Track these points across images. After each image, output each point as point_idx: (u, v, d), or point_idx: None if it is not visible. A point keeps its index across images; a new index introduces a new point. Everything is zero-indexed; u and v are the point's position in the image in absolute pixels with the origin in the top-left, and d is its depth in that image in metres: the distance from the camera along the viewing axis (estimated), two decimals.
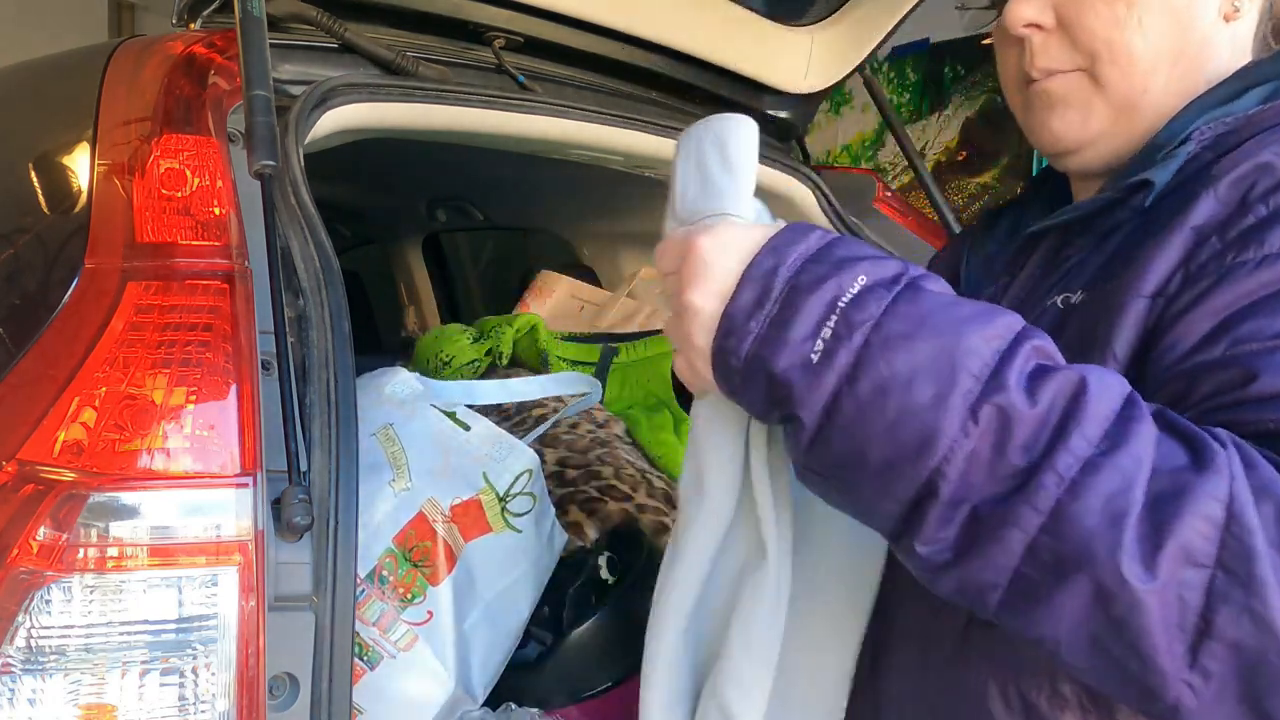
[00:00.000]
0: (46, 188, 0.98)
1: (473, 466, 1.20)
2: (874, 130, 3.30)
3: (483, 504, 1.18)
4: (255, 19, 0.94)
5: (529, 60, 1.44)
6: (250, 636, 0.77)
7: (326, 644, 0.81)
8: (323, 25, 1.20)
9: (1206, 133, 0.68)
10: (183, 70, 0.97)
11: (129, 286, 0.82)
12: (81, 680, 0.73)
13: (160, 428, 0.77)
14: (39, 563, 0.72)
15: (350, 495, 0.85)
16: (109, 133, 0.94)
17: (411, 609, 1.11)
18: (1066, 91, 0.74)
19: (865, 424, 0.53)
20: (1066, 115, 0.75)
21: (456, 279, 3.11)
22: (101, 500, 0.74)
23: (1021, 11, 0.74)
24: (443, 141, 1.36)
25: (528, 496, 1.22)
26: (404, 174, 2.30)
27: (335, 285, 0.93)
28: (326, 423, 0.87)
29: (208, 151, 0.90)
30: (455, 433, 1.22)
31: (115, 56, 1.02)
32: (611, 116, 1.42)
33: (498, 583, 1.20)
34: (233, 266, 0.86)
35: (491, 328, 1.95)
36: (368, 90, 1.16)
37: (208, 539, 0.77)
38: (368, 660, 1.08)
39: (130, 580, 0.74)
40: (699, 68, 1.60)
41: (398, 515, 1.13)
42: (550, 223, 2.53)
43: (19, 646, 0.72)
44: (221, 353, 0.81)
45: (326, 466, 0.85)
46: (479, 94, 1.29)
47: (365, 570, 1.10)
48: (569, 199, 2.28)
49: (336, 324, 0.91)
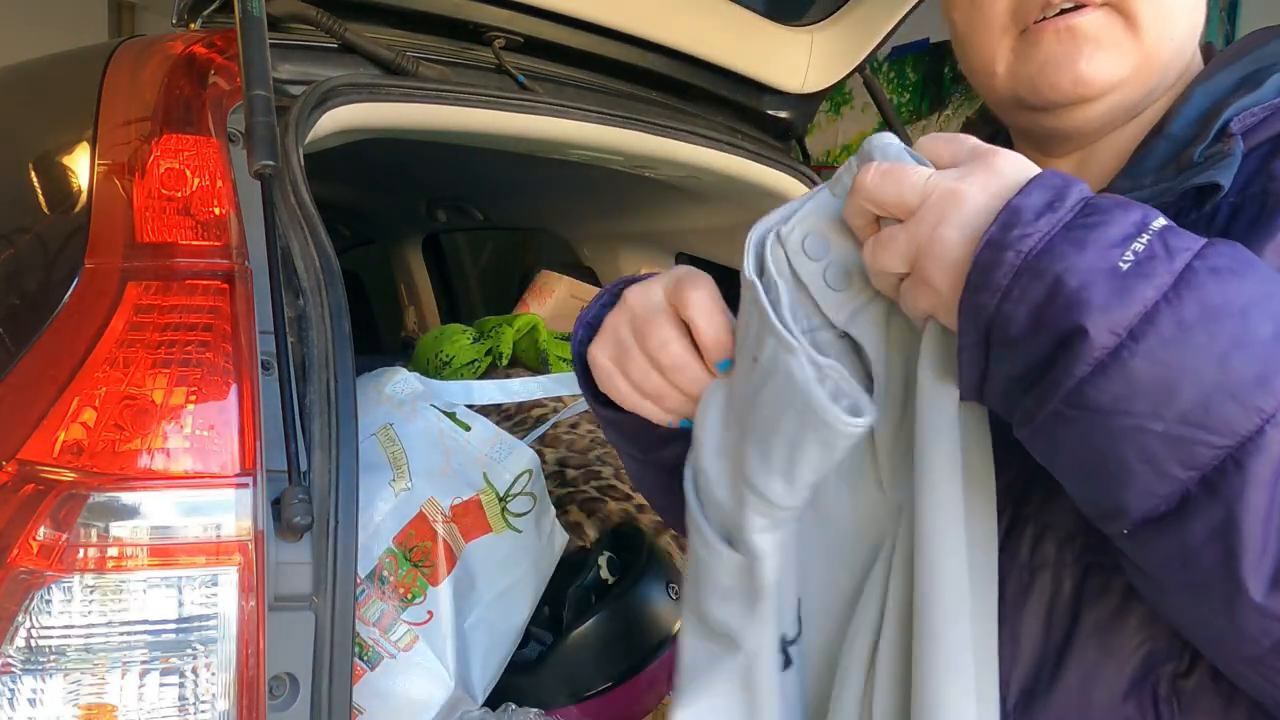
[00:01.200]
0: (46, 188, 0.98)
1: (473, 466, 1.20)
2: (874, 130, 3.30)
3: (483, 504, 1.18)
4: (255, 19, 0.94)
5: (529, 60, 1.44)
6: (250, 636, 0.77)
7: (326, 644, 0.81)
8: (323, 25, 1.20)
9: (1238, 125, 0.62)
10: (183, 70, 0.97)
11: (129, 286, 0.82)
12: (81, 680, 0.73)
13: (160, 428, 0.77)
14: (39, 563, 0.72)
15: (350, 495, 0.85)
16: (109, 133, 0.94)
17: (412, 609, 1.11)
18: (1098, 29, 0.65)
19: (1186, 350, 0.44)
20: (1097, 57, 0.65)
21: (456, 279, 3.11)
22: (101, 500, 0.74)
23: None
24: (443, 141, 1.36)
25: (528, 496, 1.22)
26: (404, 174, 2.30)
27: (335, 285, 0.93)
28: (326, 423, 0.87)
29: (208, 151, 0.90)
30: (455, 433, 1.22)
31: (115, 56, 1.02)
32: (611, 116, 1.42)
33: (498, 583, 1.20)
34: (233, 266, 0.86)
35: (491, 328, 1.95)
36: (368, 90, 1.16)
37: (208, 539, 0.77)
38: (368, 660, 1.08)
39: (130, 580, 0.74)
40: (699, 68, 1.60)
41: (398, 515, 1.14)
42: (550, 223, 2.53)
43: (19, 646, 0.72)
44: (221, 353, 0.81)
45: (326, 466, 0.85)
46: (479, 94, 1.29)
47: (365, 570, 1.10)
48: (569, 199, 2.28)
49: (336, 324, 0.91)
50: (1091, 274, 0.45)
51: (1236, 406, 0.44)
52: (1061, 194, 0.48)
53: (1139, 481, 0.47)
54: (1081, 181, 0.50)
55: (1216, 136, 0.62)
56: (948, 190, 0.51)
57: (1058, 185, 0.49)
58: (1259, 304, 0.45)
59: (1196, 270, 0.45)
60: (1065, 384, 0.46)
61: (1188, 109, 0.65)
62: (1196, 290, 0.45)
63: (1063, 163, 0.75)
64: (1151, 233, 0.46)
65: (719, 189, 1.70)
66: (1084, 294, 0.45)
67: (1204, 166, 0.60)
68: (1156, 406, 0.45)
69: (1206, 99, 0.65)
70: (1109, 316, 0.45)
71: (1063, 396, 0.47)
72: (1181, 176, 0.62)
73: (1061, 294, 0.46)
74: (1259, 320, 0.44)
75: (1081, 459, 0.49)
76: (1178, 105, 0.67)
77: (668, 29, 1.51)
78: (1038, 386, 0.49)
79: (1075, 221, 0.47)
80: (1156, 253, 0.46)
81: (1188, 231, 0.47)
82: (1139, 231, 0.46)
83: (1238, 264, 0.46)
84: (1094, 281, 0.45)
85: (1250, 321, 0.44)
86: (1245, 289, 0.45)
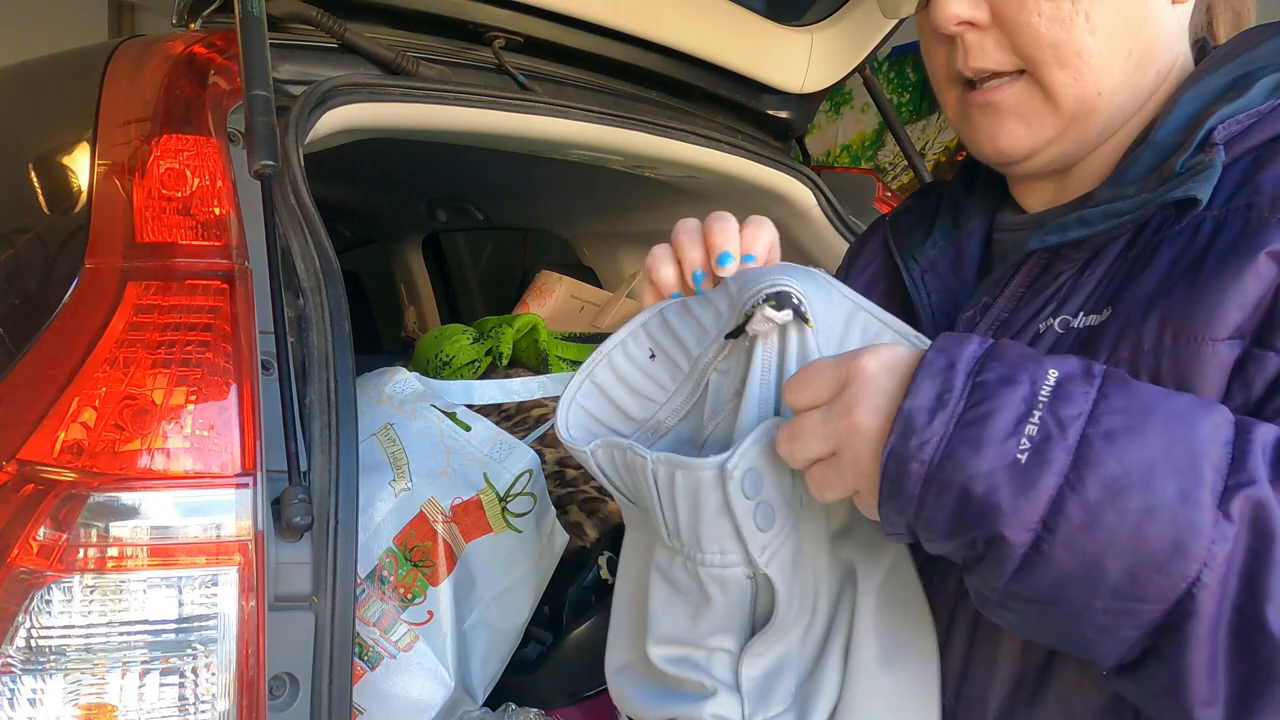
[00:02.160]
0: (46, 188, 0.98)
1: (473, 467, 1.20)
2: (874, 130, 3.30)
3: (483, 504, 1.18)
4: (255, 19, 0.94)
5: (529, 60, 1.44)
6: (250, 636, 0.77)
7: (326, 644, 0.81)
8: (323, 25, 1.20)
9: (1222, 134, 0.61)
10: (183, 70, 0.97)
11: (129, 287, 0.82)
12: (81, 680, 0.73)
13: (160, 428, 0.77)
14: (39, 563, 0.72)
15: (350, 495, 0.85)
16: (109, 133, 0.94)
17: (412, 609, 1.11)
18: (1017, 102, 0.67)
19: (1100, 531, 0.45)
20: (1016, 132, 0.68)
21: (456, 279, 3.11)
22: (101, 500, 0.74)
23: (953, 9, 0.66)
24: (443, 141, 1.36)
25: (528, 497, 1.22)
26: (404, 174, 2.30)
27: (335, 285, 0.93)
28: (326, 423, 0.87)
29: (208, 151, 0.90)
30: (456, 433, 1.22)
31: (115, 56, 1.02)
32: (611, 116, 1.42)
33: (498, 583, 1.20)
34: (233, 266, 0.86)
35: (491, 328, 1.95)
36: (368, 90, 1.16)
37: (208, 539, 0.77)
38: (368, 660, 1.08)
39: (130, 580, 0.74)
40: (699, 68, 1.60)
41: (398, 515, 1.13)
42: (550, 223, 2.53)
43: (19, 646, 0.72)
44: (221, 353, 0.81)
45: (326, 466, 0.85)
46: (479, 94, 1.29)
47: (366, 570, 1.10)
48: (569, 199, 2.28)
49: (336, 324, 0.91)
50: (994, 476, 0.46)
51: (1161, 577, 0.44)
52: (949, 380, 0.49)
53: (1100, 646, 0.48)
54: (969, 342, 0.51)
55: (1199, 146, 0.61)
56: (849, 428, 0.52)
57: (942, 368, 0.50)
58: (1161, 464, 0.45)
59: (1092, 441, 0.46)
60: (998, 583, 0.49)
61: (1175, 114, 0.65)
62: (1095, 467, 0.45)
63: (1044, 184, 0.74)
64: (1042, 406, 0.47)
65: (719, 189, 1.70)
66: (992, 499, 0.46)
67: (1185, 177, 0.60)
68: (1090, 587, 0.46)
69: (1194, 103, 0.64)
70: (1020, 516, 0.46)
71: (1001, 592, 0.49)
72: (1162, 188, 0.61)
73: (972, 502, 0.47)
74: (1163, 482, 0.45)
75: (1044, 632, 0.52)
76: (1165, 110, 0.66)
77: (668, 29, 1.51)
78: (975, 574, 0.51)
79: (967, 415, 0.48)
80: (1050, 432, 0.46)
81: (1080, 388, 0.48)
82: (1030, 409, 0.47)
83: (1133, 417, 0.46)
84: (998, 485, 0.46)
85: (1154, 486, 0.45)
86: (1145, 448, 0.45)
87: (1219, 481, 0.45)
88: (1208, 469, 0.45)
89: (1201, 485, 0.44)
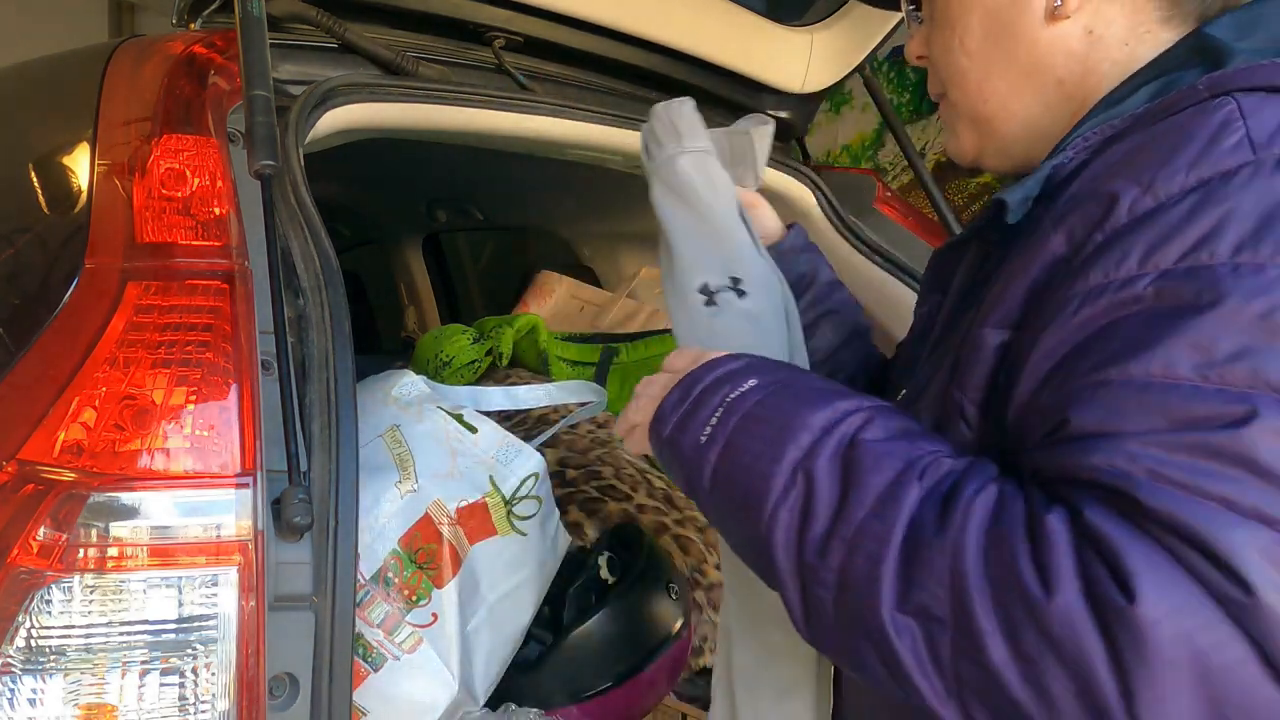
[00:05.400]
0: (46, 188, 0.98)
1: (479, 469, 1.20)
2: (874, 130, 3.30)
3: (488, 506, 1.18)
4: (255, 19, 0.94)
5: (529, 60, 1.44)
6: (250, 636, 0.77)
7: (326, 644, 0.81)
8: (323, 25, 1.20)
9: (1091, 138, 0.67)
10: (183, 70, 0.97)
11: (129, 287, 0.82)
12: (81, 680, 0.73)
13: (160, 428, 0.77)
14: (39, 563, 0.72)
15: (350, 495, 0.85)
16: (109, 133, 0.94)
17: (416, 611, 1.10)
18: (947, 117, 0.83)
19: (730, 485, 0.66)
20: (951, 142, 0.84)
21: (456, 279, 3.11)
22: (101, 500, 0.74)
23: (910, 47, 0.86)
24: (443, 141, 1.36)
25: (533, 500, 1.22)
26: (404, 174, 2.30)
27: (335, 285, 0.93)
28: (326, 423, 0.86)
29: (208, 151, 0.90)
30: (462, 435, 1.22)
31: (115, 56, 1.02)
32: (611, 116, 1.42)
33: (502, 585, 1.19)
34: (233, 266, 0.86)
35: (491, 328, 1.95)
36: (368, 90, 1.16)
37: (208, 539, 0.77)
38: (372, 662, 1.08)
39: (130, 580, 0.74)
40: (699, 68, 1.60)
41: (404, 517, 1.13)
42: (550, 223, 2.53)
43: (19, 646, 0.72)
44: (221, 353, 0.81)
45: (326, 466, 0.85)
46: (479, 94, 1.29)
47: (370, 572, 1.09)
48: (569, 199, 2.28)
49: (336, 324, 0.91)
50: (689, 449, 0.71)
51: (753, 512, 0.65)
52: (688, 390, 0.73)
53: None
54: (715, 369, 0.73)
55: (1055, 152, 0.70)
56: (642, 395, 0.81)
57: (687, 384, 0.73)
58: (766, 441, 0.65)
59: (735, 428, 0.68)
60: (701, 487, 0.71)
61: (1070, 133, 0.71)
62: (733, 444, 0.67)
63: None
64: (724, 405, 0.69)
65: None
66: (683, 457, 0.72)
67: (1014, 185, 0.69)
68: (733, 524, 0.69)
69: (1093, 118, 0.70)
70: (702, 471, 0.70)
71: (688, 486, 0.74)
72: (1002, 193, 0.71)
73: (680, 458, 0.72)
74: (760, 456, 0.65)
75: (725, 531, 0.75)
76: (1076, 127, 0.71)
77: (668, 29, 1.51)
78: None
79: (688, 410, 0.72)
80: (723, 422, 0.69)
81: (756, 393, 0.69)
82: (718, 408, 0.69)
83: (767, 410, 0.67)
84: (689, 454, 0.71)
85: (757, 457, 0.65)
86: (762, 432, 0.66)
87: (799, 454, 0.63)
88: (793, 447, 0.63)
89: (783, 457, 0.63)
